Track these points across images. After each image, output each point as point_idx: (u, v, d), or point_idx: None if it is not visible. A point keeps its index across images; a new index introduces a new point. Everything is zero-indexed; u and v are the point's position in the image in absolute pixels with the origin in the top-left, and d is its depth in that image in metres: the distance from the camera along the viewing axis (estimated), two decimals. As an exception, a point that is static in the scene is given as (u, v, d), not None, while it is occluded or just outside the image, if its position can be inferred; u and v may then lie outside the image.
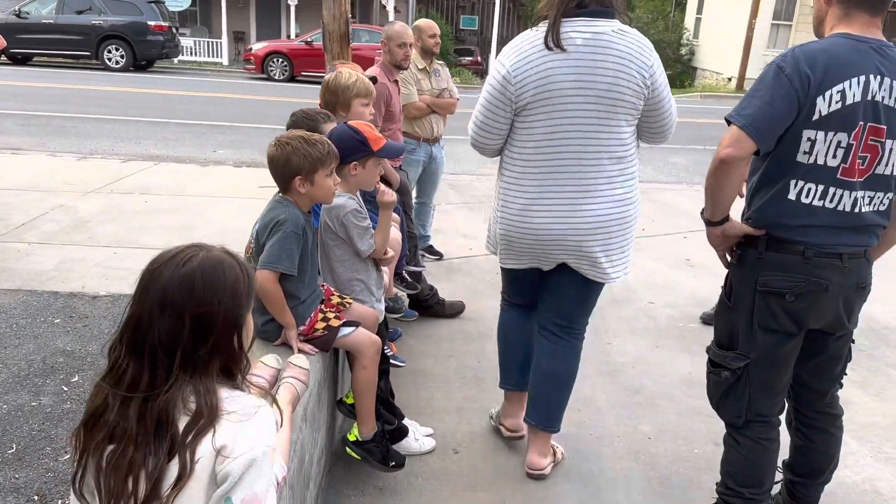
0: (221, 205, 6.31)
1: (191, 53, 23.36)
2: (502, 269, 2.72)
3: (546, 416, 2.69)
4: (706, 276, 5.14)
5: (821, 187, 1.97)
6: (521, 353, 2.82)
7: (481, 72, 28.13)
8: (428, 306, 4.28)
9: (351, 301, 2.56)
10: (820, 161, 1.95)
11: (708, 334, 4.23)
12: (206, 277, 1.24)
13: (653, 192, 8.10)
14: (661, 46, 28.98)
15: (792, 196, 2.00)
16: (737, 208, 2.12)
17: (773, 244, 2.05)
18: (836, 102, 1.89)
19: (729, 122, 1.95)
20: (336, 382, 2.80)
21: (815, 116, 1.90)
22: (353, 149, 2.47)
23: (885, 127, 1.94)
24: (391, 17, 23.84)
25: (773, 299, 2.06)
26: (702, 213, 2.17)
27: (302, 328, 2.34)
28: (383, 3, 23.34)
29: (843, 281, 2.03)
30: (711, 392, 2.30)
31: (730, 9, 25.49)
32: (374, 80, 3.49)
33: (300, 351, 2.26)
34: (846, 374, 2.30)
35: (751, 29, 22.92)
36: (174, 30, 19.78)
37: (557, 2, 2.29)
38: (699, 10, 29.69)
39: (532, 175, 2.41)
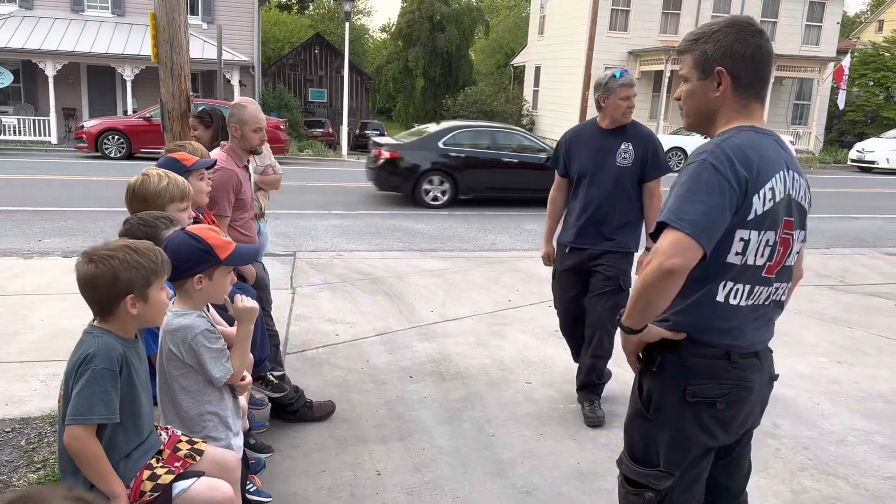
0: (48, 303, 5.55)
1: (14, 132, 21.48)
2: None
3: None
4: (577, 349, 5.10)
5: (748, 287, 1.88)
6: None
7: (333, 143, 28.07)
8: (294, 410, 3.85)
9: (204, 447, 2.09)
10: (750, 261, 1.85)
11: (588, 414, 4.23)
12: None
13: (512, 260, 8.12)
14: (504, 117, 30.43)
15: (720, 298, 1.87)
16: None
17: (696, 349, 1.90)
18: (769, 200, 1.83)
19: (665, 226, 1.77)
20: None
21: (751, 216, 1.81)
22: (196, 260, 2.08)
23: (794, 219, 1.91)
24: (236, 91, 23.30)
25: (705, 409, 1.91)
26: (620, 319, 1.97)
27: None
28: (227, 77, 22.79)
29: (761, 379, 1.96)
30: None
31: (563, 82, 27.32)
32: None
33: None
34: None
35: (584, 100, 24.56)
36: (-7, 108, 18.22)
37: None
38: (536, 84, 31.60)
39: None
